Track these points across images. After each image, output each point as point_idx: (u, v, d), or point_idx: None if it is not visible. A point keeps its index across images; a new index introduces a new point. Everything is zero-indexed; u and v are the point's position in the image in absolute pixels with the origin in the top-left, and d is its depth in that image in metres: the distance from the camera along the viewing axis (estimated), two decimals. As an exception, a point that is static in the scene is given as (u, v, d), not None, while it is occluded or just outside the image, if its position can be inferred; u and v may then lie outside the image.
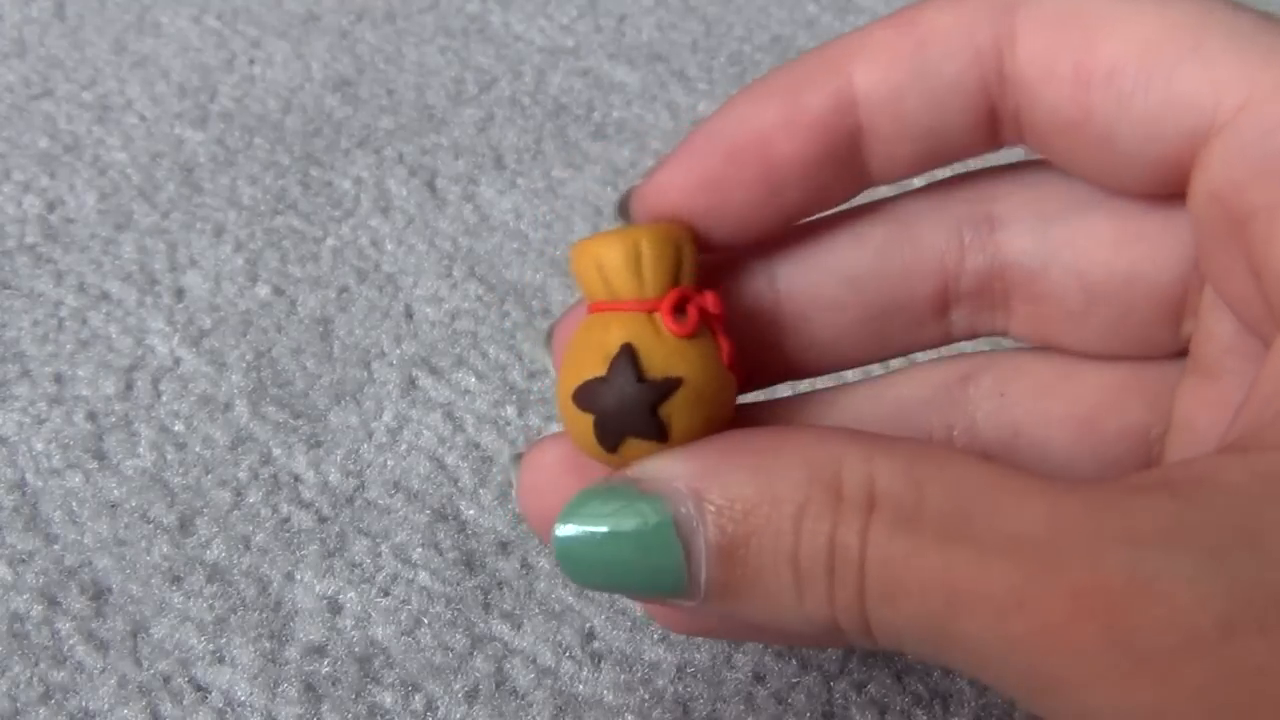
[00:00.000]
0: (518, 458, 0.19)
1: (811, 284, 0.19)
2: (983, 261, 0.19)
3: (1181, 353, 0.18)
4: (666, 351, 0.16)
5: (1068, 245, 0.18)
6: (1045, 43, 0.16)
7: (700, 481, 0.15)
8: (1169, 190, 0.16)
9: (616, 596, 0.25)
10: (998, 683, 0.15)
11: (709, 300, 0.17)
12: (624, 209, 0.18)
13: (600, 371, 0.16)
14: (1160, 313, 0.18)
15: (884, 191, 0.19)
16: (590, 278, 0.17)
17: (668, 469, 0.16)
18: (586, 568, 0.16)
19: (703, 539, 0.15)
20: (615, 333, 0.17)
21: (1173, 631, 0.13)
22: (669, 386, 0.16)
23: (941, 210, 0.19)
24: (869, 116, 0.17)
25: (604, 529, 0.16)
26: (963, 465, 0.15)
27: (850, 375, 0.21)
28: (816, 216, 0.19)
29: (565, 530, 0.16)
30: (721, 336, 0.17)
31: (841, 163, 0.18)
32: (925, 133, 0.17)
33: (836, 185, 0.18)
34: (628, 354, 0.16)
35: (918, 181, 0.19)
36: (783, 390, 0.21)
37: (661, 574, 0.16)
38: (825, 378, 0.21)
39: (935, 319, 0.19)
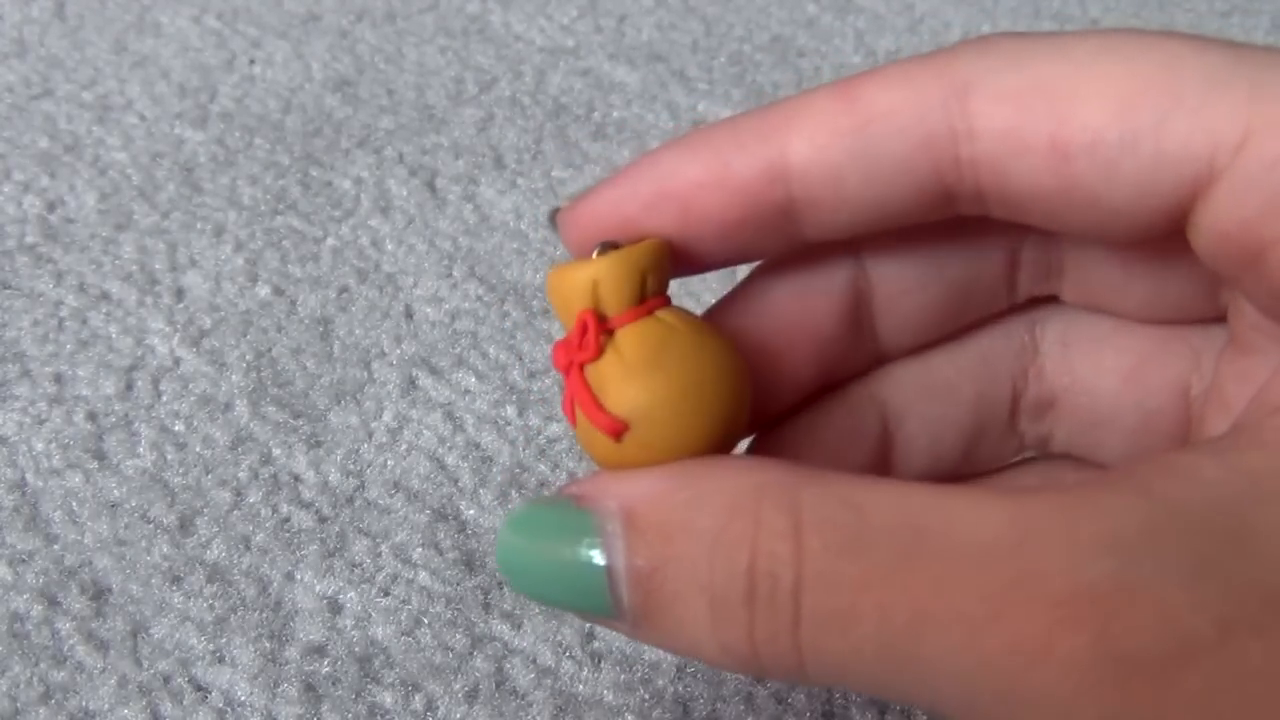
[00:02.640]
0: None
1: (902, 269, 0.19)
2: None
3: (1222, 317, 0.19)
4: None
5: None
6: (1010, 120, 0.16)
7: (632, 503, 0.15)
8: (1161, 236, 0.16)
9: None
10: (965, 709, 0.14)
11: (652, 305, 0.17)
12: (552, 222, 0.19)
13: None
14: (1196, 287, 0.18)
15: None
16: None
17: (606, 487, 0.16)
18: (526, 579, 0.16)
19: (623, 561, 0.15)
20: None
21: (1168, 637, 0.13)
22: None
23: None
24: (803, 189, 0.17)
25: (539, 541, 0.16)
26: (901, 486, 0.15)
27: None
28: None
29: (506, 540, 0.16)
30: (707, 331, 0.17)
31: (767, 226, 0.17)
32: (867, 206, 0.17)
33: (761, 244, 0.18)
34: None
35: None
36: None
37: (589, 593, 0.15)
38: None
39: (1006, 288, 0.20)
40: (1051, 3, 0.48)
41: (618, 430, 0.16)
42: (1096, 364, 0.20)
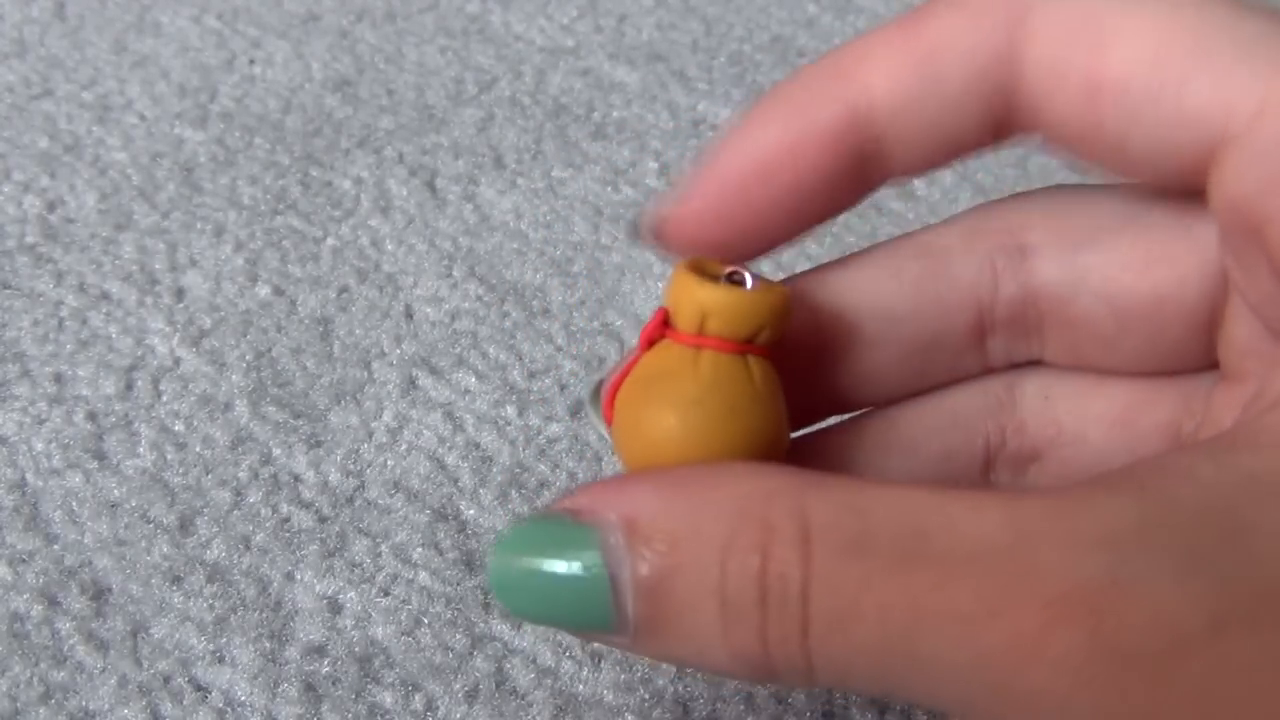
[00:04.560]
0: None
1: (851, 323, 0.19)
2: (1015, 290, 0.19)
3: (1216, 364, 0.18)
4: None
5: (1095, 271, 0.18)
6: (1055, 51, 0.16)
7: (633, 512, 0.15)
8: (1192, 188, 0.16)
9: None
10: (964, 707, 0.14)
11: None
12: (636, 232, 0.19)
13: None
14: (1191, 330, 0.18)
15: (910, 218, 0.19)
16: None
17: (603, 499, 0.16)
18: (523, 599, 0.16)
19: (629, 572, 0.15)
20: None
21: (1161, 633, 0.13)
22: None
23: (973, 241, 0.19)
24: (883, 124, 0.17)
25: (536, 559, 0.16)
26: (905, 490, 0.15)
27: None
28: (850, 255, 0.19)
29: (500, 562, 0.16)
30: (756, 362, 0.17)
31: (858, 170, 0.18)
32: (939, 134, 0.17)
33: (854, 190, 0.18)
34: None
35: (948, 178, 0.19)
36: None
37: (591, 608, 0.15)
38: None
39: (973, 349, 0.19)
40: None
41: (607, 418, 0.17)
42: (1083, 413, 0.19)
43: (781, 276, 0.19)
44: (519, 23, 0.44)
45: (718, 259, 0.18)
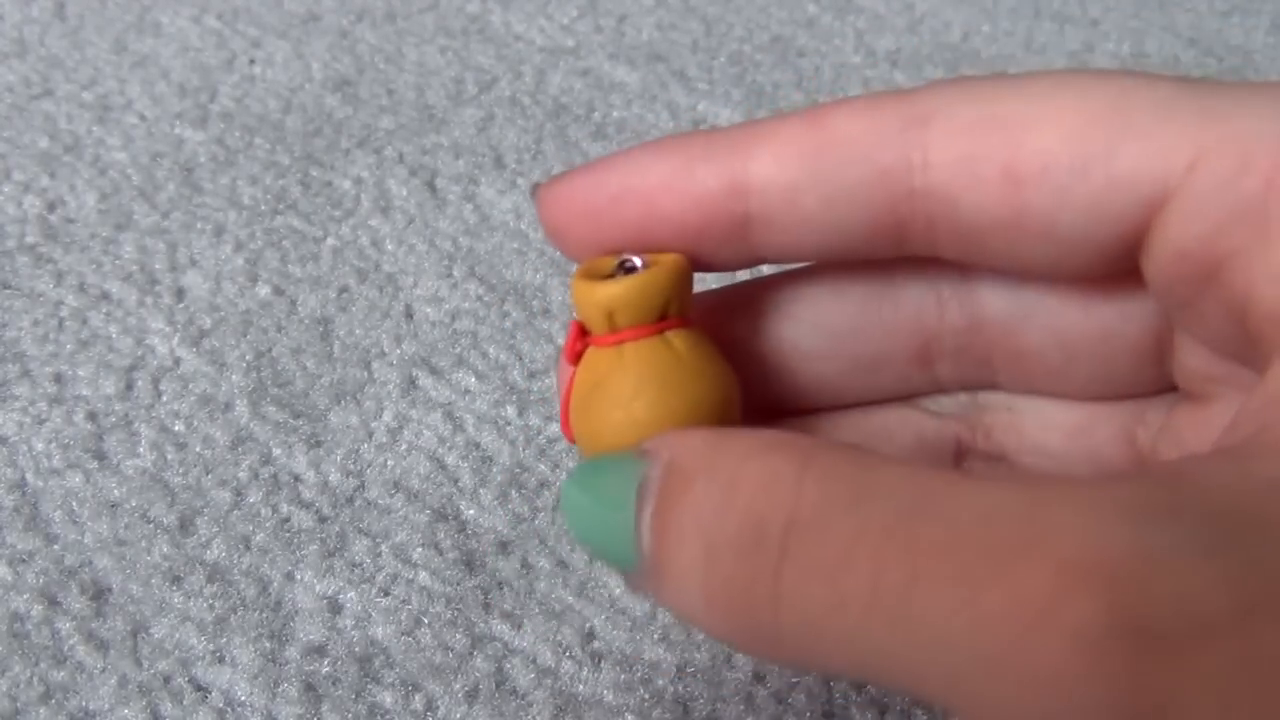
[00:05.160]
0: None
1: (794, 337, 0.19)
2: (961, 320, 0.19)
3: (1164, 389, 0.19)
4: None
5: (1040, 305, 0.18)
6: (963, 150, 0.16)
7: (678, 455, 0.15)
8: (1113, 269, 0.17)
9: (616, 596, 0.25)
10: (947, 685, 0.13)
11: (673, 324, 0.18)
12: (533, 195, 0.19)
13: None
14: (1140, 360, 0.18)
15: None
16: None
17: (666, 441, 0.16)
18: (575, 522, 0.16)
19: (650, 507, 0.15)
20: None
21: (1186, 613, 0.12)
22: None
23: (920, 265, 0.19)
24: (761, 205, 0.17)
25: (595, 485, 0.16)
26: (910, 462, 0.14)
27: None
28: (797, 267, 0.19)
29: (571, 485, 0.16)
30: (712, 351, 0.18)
31: (726, 238, 0.18)
32: (822, 231, 0.17)
33: (721, 256, 0.18)
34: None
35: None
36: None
37: (618, 543, 0.15)
38: None
39: (921, 371, 0.20)
40: (1052, 3, 0.48)
41: (569, 438, 0.18)
42: (1044, 424, 0.20)
43: (740, 278, 0.19)
44: (519, 23, 0.44)
45: (606, 254, 0.18)
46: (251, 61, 0.42)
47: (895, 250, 0.18)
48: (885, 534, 0.13)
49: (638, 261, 0.18)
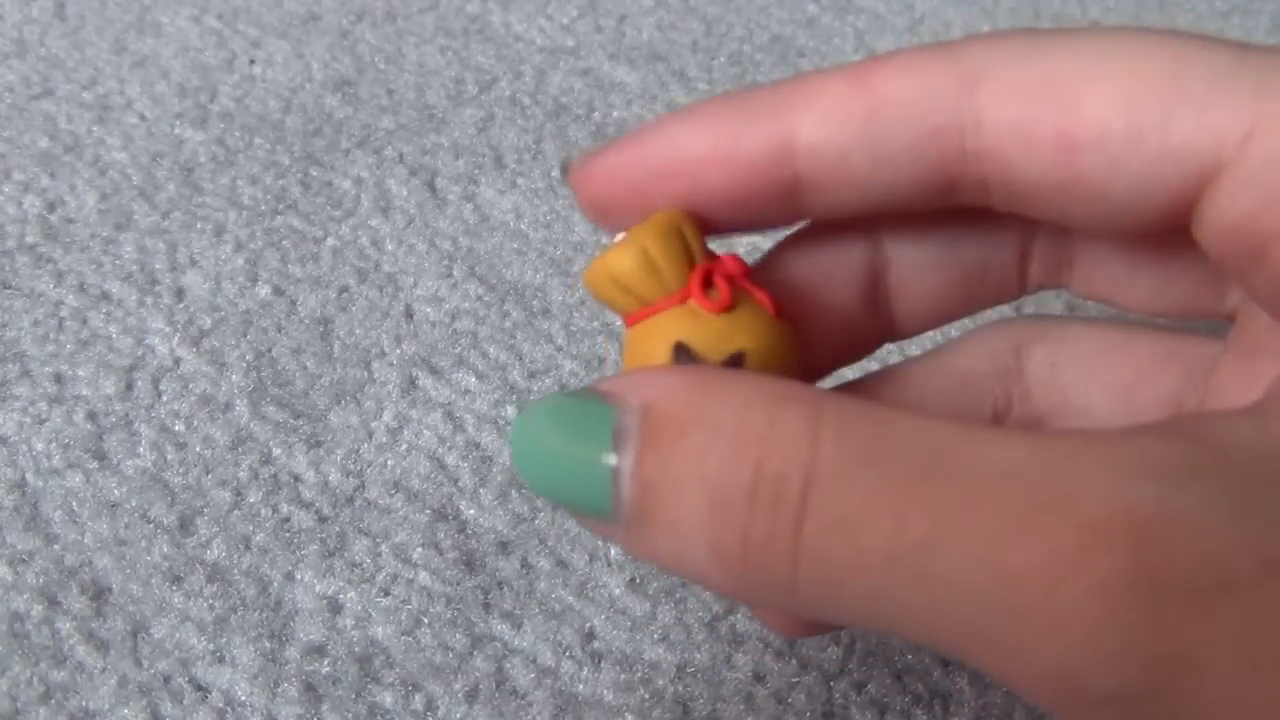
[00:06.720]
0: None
1: (919, 248, 0.19)
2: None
3: (1229, 317, 0.19)
4: (715, 331, 0.16)
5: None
6: (1018, 113, 0.16)
7: (654, 398, 0.15)
8: (1164, 230, 0.17)
9: (616, 596, 0.25)
10: (968, 635, 0.13)
11: (730, 264, 0.17)
12: (564, 174, 0.19)
13: None
14: (1201, 278, 0.18)
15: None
16: (613, 294, 0.17)
17: (632, 383, 0.15)
18: (536, 469, 0.16)
19: (631, 458, 0.15)
20: (661, 336, 0.17)
21: (1209, 569, 0.12)
22: (735, 362, 0.16)
23: None
24: (809, 169, 0.17)
25: (556, 430, 0.15)
26: (924, 415, 0.14)
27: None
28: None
29: (524, 424, 0.16)
30: (758, 291, 0.17)
31: (774, 202, 0.18)
32: (871, 190, 0.17)
33: (769, 217, 0.18)
34: (682, 353, 0.16)
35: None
36: (847, 373, 0.22)
37: (592, 491, 0.15)
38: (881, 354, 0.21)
39: (1018, 276, 0.20)
40: (1052, 3, 0.48)
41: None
42: (1087, 383, 0.20)
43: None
44: (519, 23, 0.44)
45: (683, 214, 0.17)
46: (251, 61, 0.42)
47: (944, 203, 0.17)
48: (904, 490, 0.13)
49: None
